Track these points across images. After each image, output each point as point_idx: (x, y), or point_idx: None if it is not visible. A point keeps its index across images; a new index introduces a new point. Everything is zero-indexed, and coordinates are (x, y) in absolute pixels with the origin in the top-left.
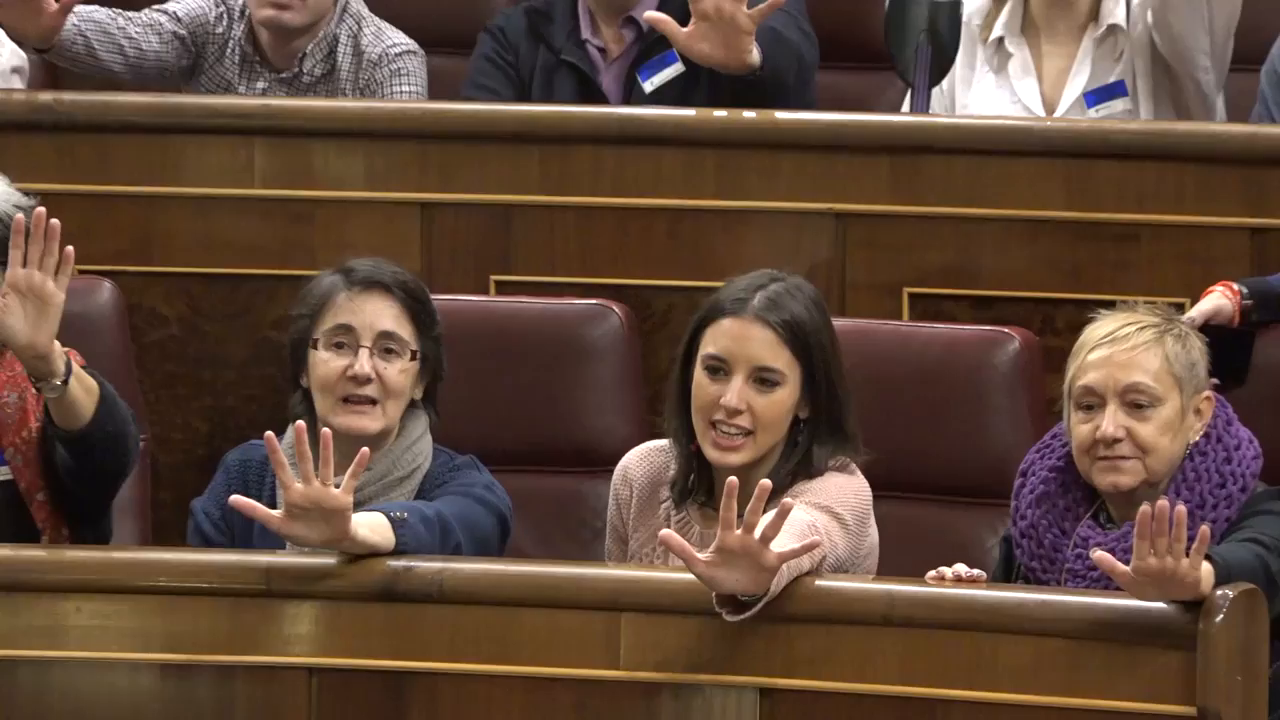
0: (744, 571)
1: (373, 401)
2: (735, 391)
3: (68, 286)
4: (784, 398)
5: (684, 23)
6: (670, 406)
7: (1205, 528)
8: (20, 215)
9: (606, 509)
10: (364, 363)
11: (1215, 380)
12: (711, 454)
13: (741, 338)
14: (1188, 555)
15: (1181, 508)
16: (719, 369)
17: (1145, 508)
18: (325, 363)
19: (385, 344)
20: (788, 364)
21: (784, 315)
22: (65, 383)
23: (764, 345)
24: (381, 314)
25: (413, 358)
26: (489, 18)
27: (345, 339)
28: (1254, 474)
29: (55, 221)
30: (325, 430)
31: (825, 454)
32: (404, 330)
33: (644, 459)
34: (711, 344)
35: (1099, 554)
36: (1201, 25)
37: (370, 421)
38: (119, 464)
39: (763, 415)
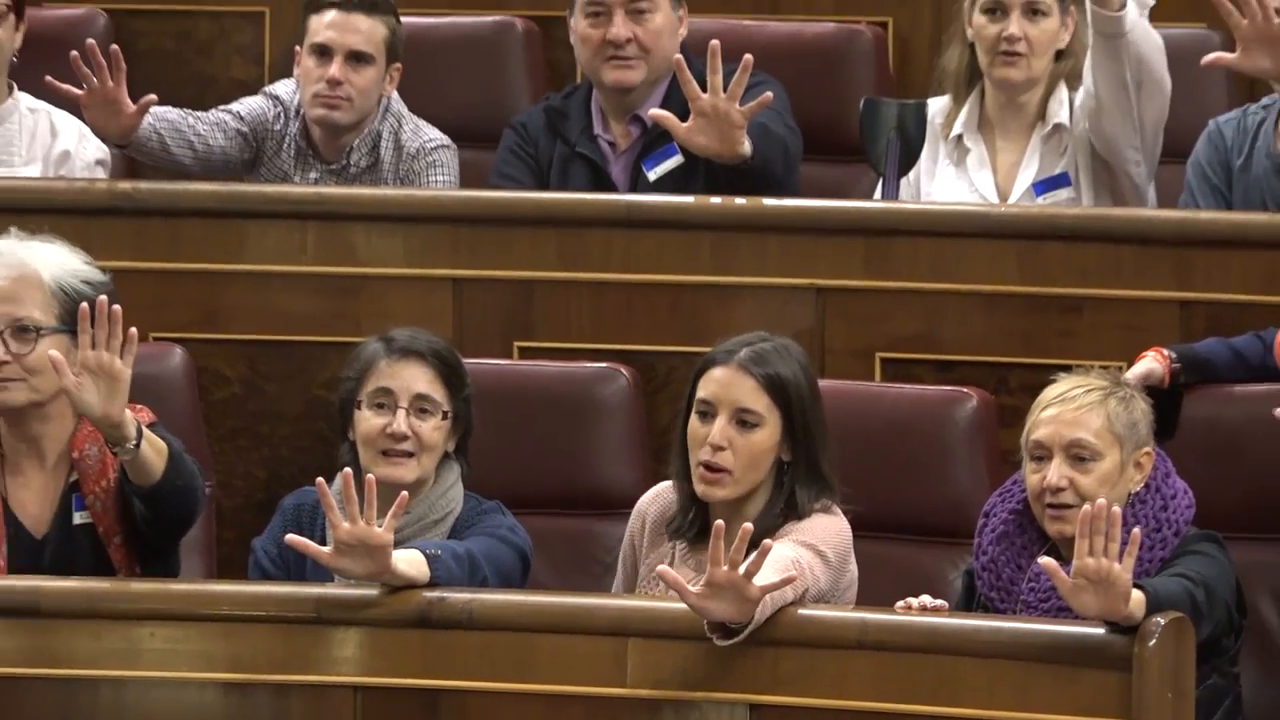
0: (730, 603)
1: (409, 455)
2: (719, 430)
3: (142, 352)
4: (762, 439)
5: (684, 118)
6: (674, 451)
7: (1136, 531)
8: (85, 305)
9: (615, 546)
10: (401, 422)
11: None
12: (699, 488)
13: (727, 383)
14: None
15: (1117, 510)
16: (707, 412)
17: (1086, 508)
18: (368, 420)
19: (420, 405)
20: (767, 408)
21: (766, 368)
22: (137, 446)
23: (745, 390)
24: (417, 379)
25: (444, 417)
26: (513, 115)
27: (385, 400)
28: (1187, 520)
29: (117, 307)
30: (369, 477)
31: (808, 496)
32: (437, 393)
33: (656, 498)
34: (703, 389)
35: (1045, 559)
36: (1132, 126)
37: (406, 472)
38: (186, 513)
39: (741, 452)
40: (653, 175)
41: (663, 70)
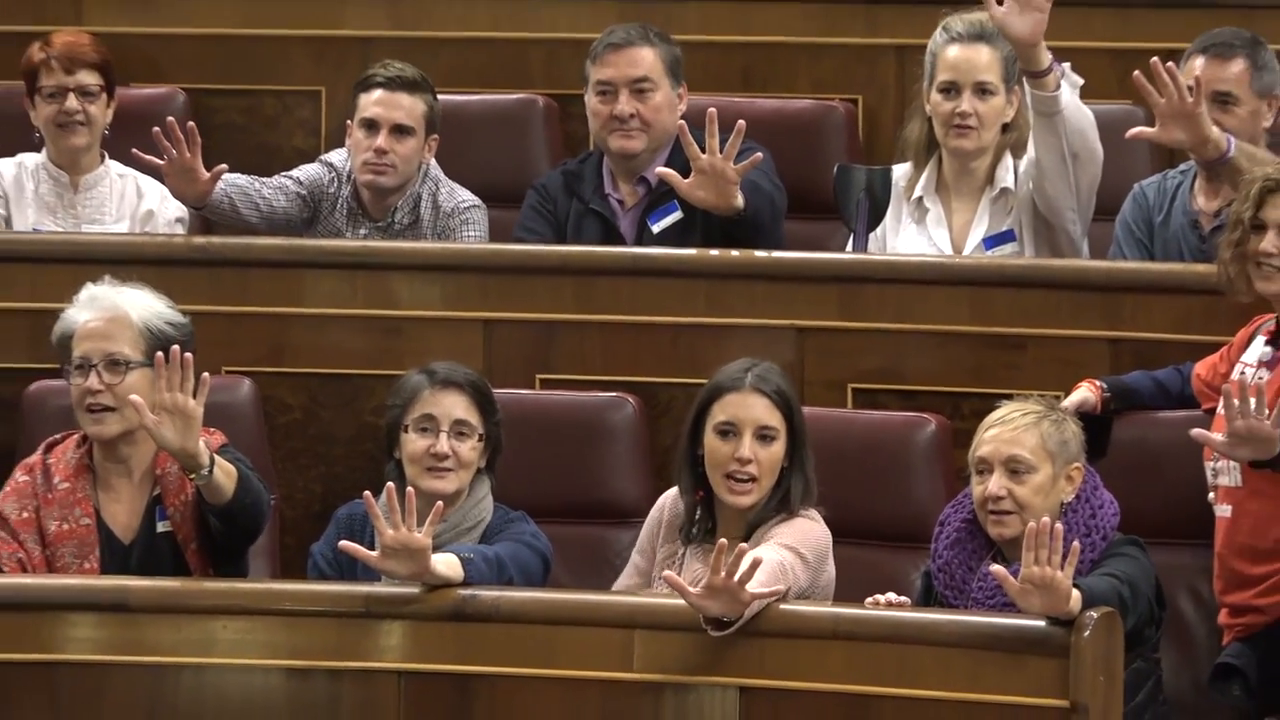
0: (724, 603)
1: (450, 470)
2: (748, 446)
3: (216, 384)
4: (779, 450)
5: (685, 175)
6: (679, 469)
7: (1076, 544)
8: (160, 355)
9: (624, 550)
10: (443, 444)
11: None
12: (728, 499)
13: (745, 405)
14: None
15: (1059, 526)
16: (729, 432)
17: (1032, 524)
18: (414, 443)
19: (459, 429)
20: (780, 423)
21: (773, 386)
22: (210, 473)
23: (763, 409)
24: (456, 406)
25: (479, 439)
26: (535, 178)
27: (429, 425)
28: (1113, 527)
29: (189, 355)
30: (410, 490)
31: (798, 495)
32: (473, 418)
33: (676, 500)
34: (721, 414)
35: (996, 568)
36: (1069, 190)
37: (447, 485)
38: (254, 527)
39: (764, 463)
40: (656, 228)
41: (663, 140)
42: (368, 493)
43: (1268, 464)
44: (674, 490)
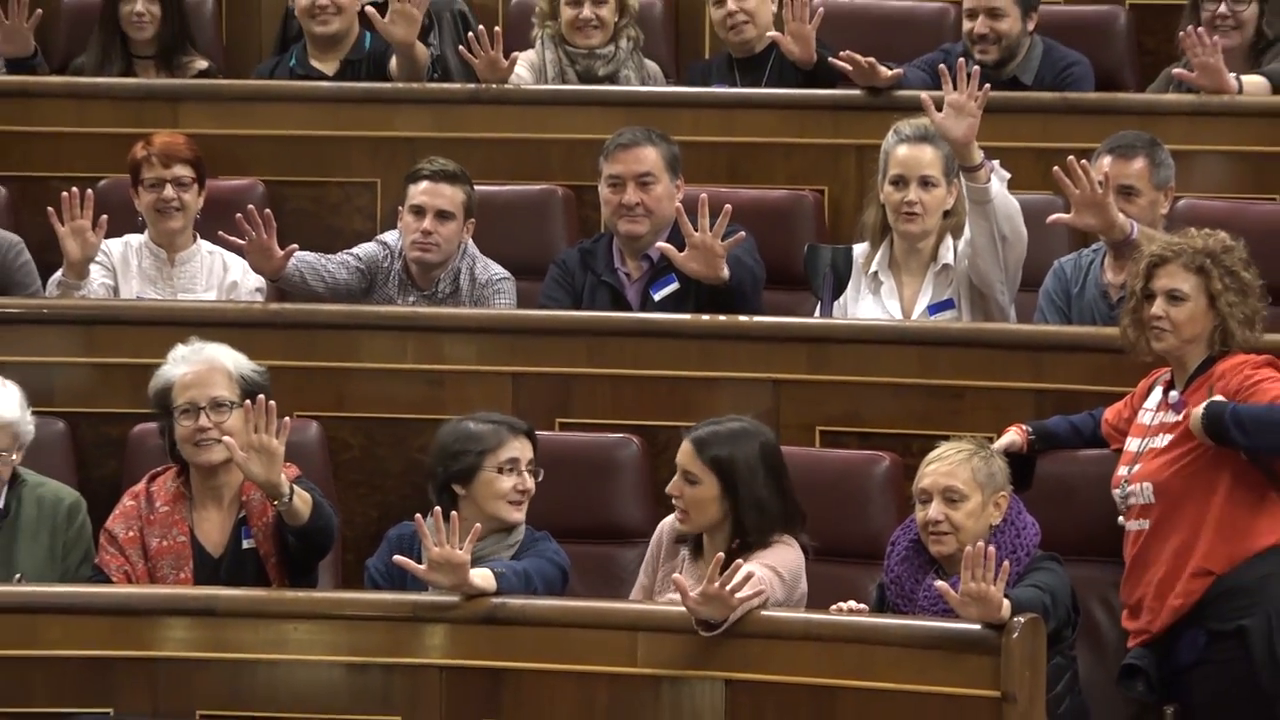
0: (715, 608)
1: (524, 502)
2: (673, 483)
3: (289, 430)
4: (701, 494)
5: (681, 250)
6: None
7: (1006, 563)
8: (248, 403)
9: (630, 565)
10: (528, 482)
11: (1011, 486)
12: (678, 528)
13: (681, 453)
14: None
15: (992, 549)
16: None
17: (969, 549)
18: (500, 481)
19: (531, 467)
20: (701, 471)
21: (705, 447)
22: (290, 499)
23: (688, 458)
24: (528, 448)
25: (535, 475)
26: (555, 255)
27: (512, 466)
28: (1035, 545)
29: (273, 403)
30: (454, 514)
31: (753, 523)
32: (534, 456)
33: (674, 524)
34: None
35: (940, 584)
36: (999, 266)
37: (523, 515)
38: (325, 545)
39: (688, 500)
40: (657, 297)
41: (663, 224)
42: (419, 515)
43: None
44: (669, 518)
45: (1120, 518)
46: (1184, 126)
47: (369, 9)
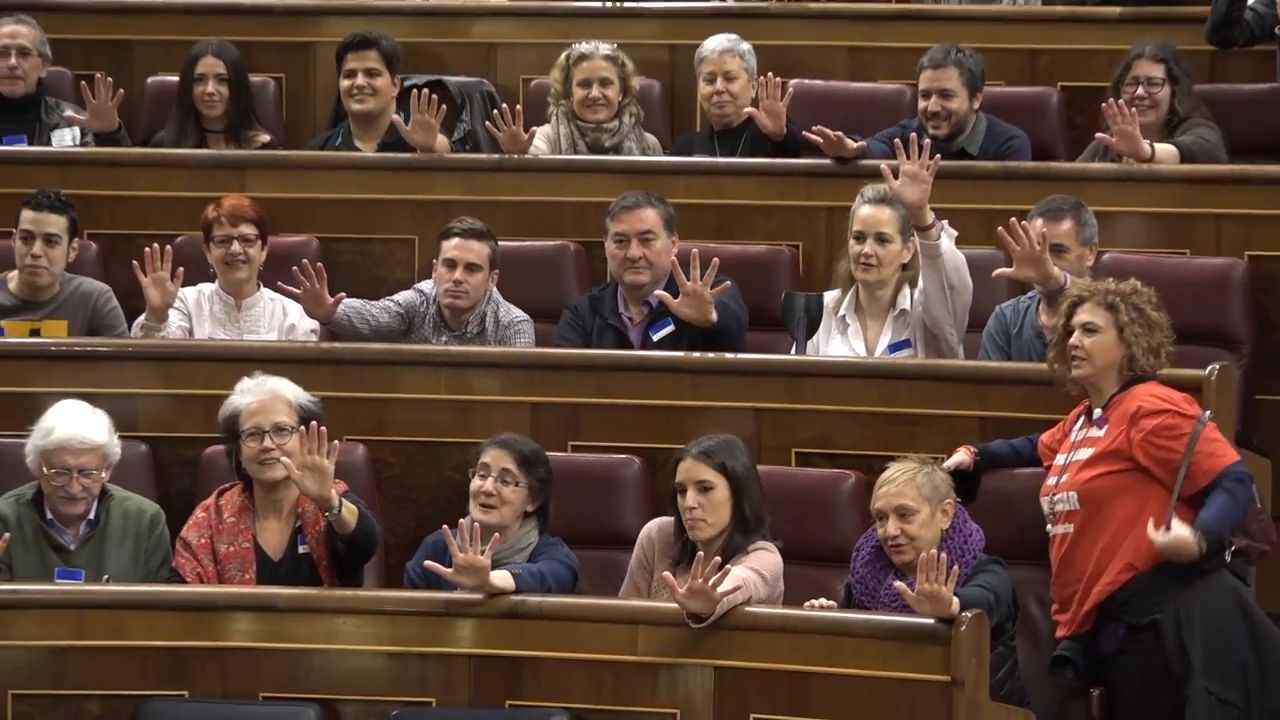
0: (701, 602)
1: (493, 506)
2: (691, 497)
3: (338, 452)
4: (717, 496)
5: (676, 297)
6: (675, 513)
7: (955, 567)
8: (302, 429)
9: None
10: (489, 484)
11: (959, 499)
12: (690, 534)
13: (689, 468)
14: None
15: (944, 556)
16: (683, 488)
17: (924, 555)
18: (473, 483)
19: (503, 475)
20: (714, 477)
21: (712, 455)
22: (339, 511)
23: (701, 469)
24: (502, 458)
25: (519, 486)
26: (567, 301)
27: (483, 471)
28: (980, 550)
29: (324, 428)
30: (475, 524)
31: (746, 535)
32: (515, 469)
33: (659, 528)
34: (678, 475)
35: (899, 584)
36: (948, 311)
37: (489, 518)
38: (369, 550)
39: (709, 504)
40: (656, 337)
41: (661, 275)
42: (445, 526)
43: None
44: (654, 522)
45: (1048, 525)
46: (1107, 191)
47: (395, 118)
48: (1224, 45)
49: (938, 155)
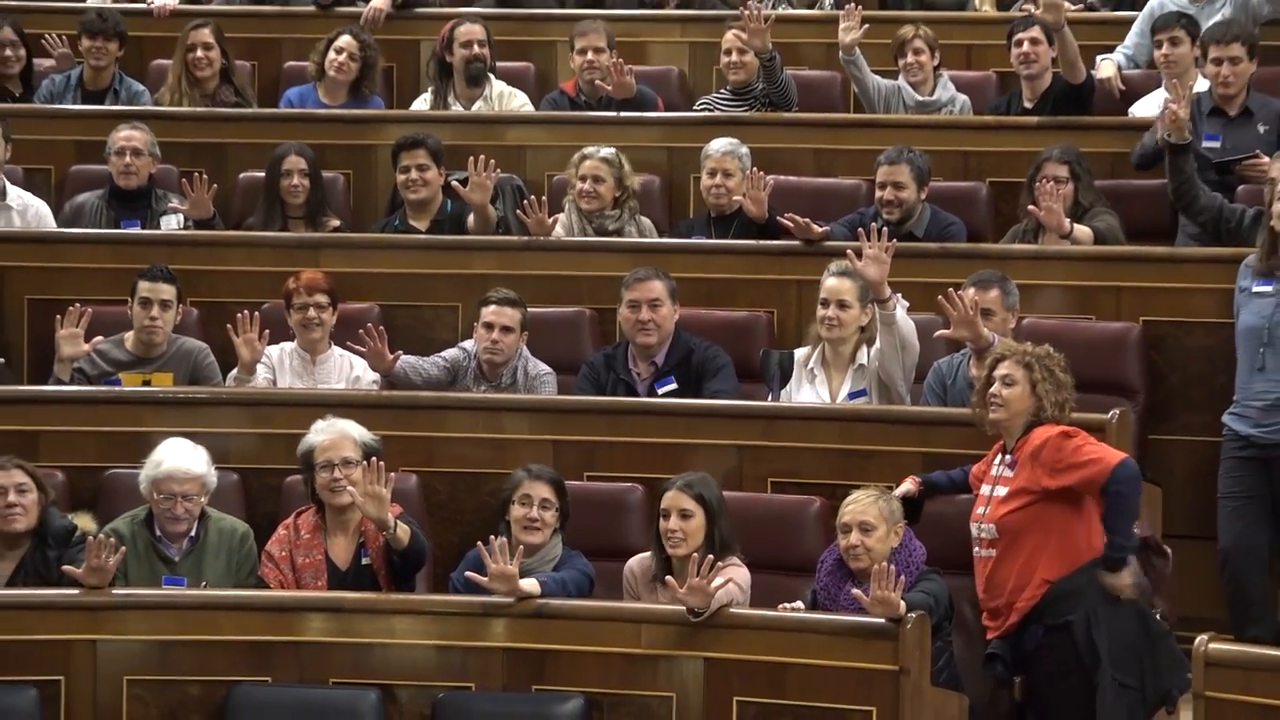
0: (697, 597)
1: (538, 528)
2: (675, 520)
3: (395, 481)
4: (694, 522)
5: (679, 366)
6: (653, 537)
7: (902, 577)
8: (366, 462)
9: None
10: (534, 512)
11: (907, 520)
12: (670, 551)
13: (673, 498)
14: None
15: (893, 567)
16: (667, 513)
17: (877, 567)
18: (516, 510)
19: (544, 503)
20: (694, 506)
21: (692, 487)
22: (394, 530)
23: (682, 499)
24: (541, 489)
25: (555, 510)
26: (584, 359)
27: (526, 500)
28: (923, 562)
29: (382, 463)
30: (504, 540)
31: (723, 548)
32: (553, 497)
33: (639, 561)
34: (663, 503)
35: (856, 592)
36: (899, 367)
37: (534, 538)
38: (421, 563)
39: (687, 529)
40: (660, 391)
41: (667, 337)
42: (480, 543)
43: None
44: (632, 560)
45: (975, 548)
46: (1027, 267)
47: (454, 183)
48: (1144, 168)
49: (894, 240)
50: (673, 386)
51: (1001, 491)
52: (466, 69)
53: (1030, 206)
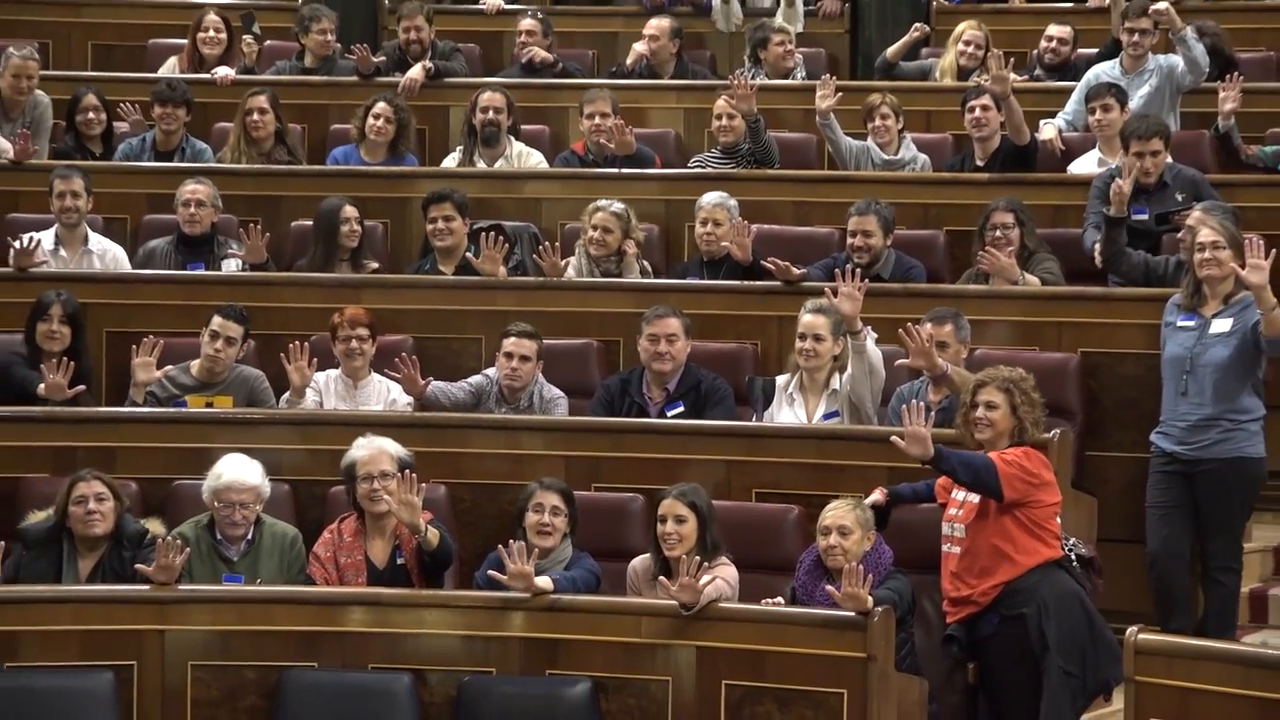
0: (688, 594)
1: (549, 533)
2: (671, 524)
3: (425, 491)
4: (688, 526)
5: (689, 393)
6: (652, 539)
7: (870, 576)
8: (400, 475)
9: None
10: (546, 517)
11: (875, 527)
12: (667, 552)
13: (669, 505)
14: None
15: (862, 568)
16: (664, 519)
17: (848, 567)
18: (530, 517)
19: (555, 511)
20: (687, 512)
21: (686, 496)
22: (425, 534)
23: (677, 506)
24: (553, 498)
25: (565, 517)
26: (591, 386)
27: (540, 508)
28: (890, 563)
29: (414, 475)
30: (521, 543)
31: (713, 551)
32: (563, 505)
33: (640, 561)
34: (660, 510)
35: (830, 588)
36: (868, 391)
37: (545, 542)
38: (448, 563)
39: (682, 532)
40: (670, 414)
41: (679, 367)
42: (500, 546)
43: (929, 462)
44: (635, 561)
45: (944, 544)
46: (978, 305)
47: (469, 255)
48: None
49: (865, 280)
50: (681, 410)
51: (975, 498)
52: (482, 131)
53: (981, 261)
